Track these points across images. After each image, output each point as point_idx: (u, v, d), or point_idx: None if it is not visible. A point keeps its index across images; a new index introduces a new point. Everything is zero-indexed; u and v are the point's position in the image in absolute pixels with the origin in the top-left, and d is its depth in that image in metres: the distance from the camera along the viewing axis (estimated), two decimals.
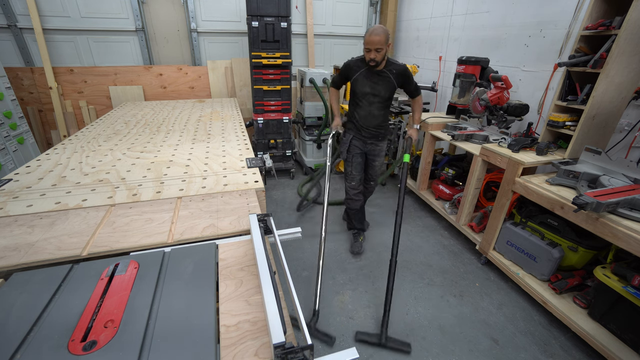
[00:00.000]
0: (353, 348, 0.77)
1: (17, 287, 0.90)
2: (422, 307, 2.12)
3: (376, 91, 2.24)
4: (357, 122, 2.39)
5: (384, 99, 2.29)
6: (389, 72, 2.19)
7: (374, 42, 2.00)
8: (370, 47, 2.03)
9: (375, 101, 2.28)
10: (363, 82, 2.23)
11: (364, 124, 2.37)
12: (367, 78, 2.22)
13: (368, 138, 2.42)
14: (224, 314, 0.87)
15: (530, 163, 2.10)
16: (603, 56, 1.86)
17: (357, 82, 2.25)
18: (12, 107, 3.36)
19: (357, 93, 2.29)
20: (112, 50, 3.94)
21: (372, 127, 2.38)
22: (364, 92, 2.26)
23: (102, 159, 1.95)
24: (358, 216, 2.68)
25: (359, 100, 2.31)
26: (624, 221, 1.55)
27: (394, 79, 2.21)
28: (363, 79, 2.22)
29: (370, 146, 2.46)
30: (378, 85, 2.23)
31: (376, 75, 2.20)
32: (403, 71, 2.22)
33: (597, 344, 1.71)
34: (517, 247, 2.22)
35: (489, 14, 3.14)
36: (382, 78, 2.21)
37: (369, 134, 2.40)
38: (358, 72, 2.22)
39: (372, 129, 2.39)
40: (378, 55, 2.04)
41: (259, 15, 3.23)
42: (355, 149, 2.46)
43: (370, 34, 2.01)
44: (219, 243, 1.17)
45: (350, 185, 2.53)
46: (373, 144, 2.45)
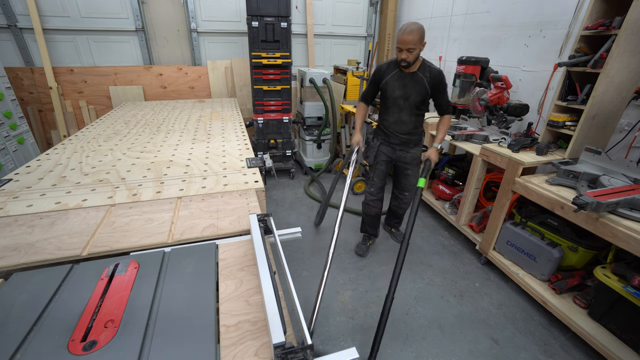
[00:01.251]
0: (353, 348, 0.77)
1: (17, 287, 0.90)
2: (422, 307, 2.12)
3: (407, 95, 2.09)
4: (385, 129, 2.28)
5: (415, 103, 2.11)
6: (423, 75, 2.03)
7: (406, 41, 1.85)
8: (402, 47, 1.88)
9: (406, 106, 2.13)
10: (394, 85, 2.10)
11: (393, 130, 2.25)
12: (399, 81, 2.08)
13: (397, 145, 2.29)
14: (224, 314, 0.87)
15: (530, 163, 2.10)
16: (603, 56, 1.86)
17: (388, 85, 2.12)
18: (12, 107, 3.36)
19: (388, 97, 2.16)
20: (112, 50, 3.94)
21: (401, 133, 2.24)
22: (394, 95, 2.12)
23: (102, 159, 1.95)
24: (372, 222, 2.59)
25: (389, 105, 2.19)
26: (624, 221, 1.55)
27: (427, 83, 2.04)
28: (394, 81, 2.09)
29: (400, 153, 2.31)
30: (409, 89, 2.07)
31: (409, 77, 2.05)
32: (437, 75, 2.04)
33: (597, 344, 1.71)
34: (517, 247, 2.22)
35: (489, 14, 3.14)
36: (414, 81, 2.05)
37: (397, 141, 2.27)
38: (389, 75, 2.09)
39: (401, 136, 2.25)
40: (410, 56, 1.90)
41: (259, 15, 3.22)
42: (382, 156, 2.35)
43: (402, 32, 1.86)
44: (219, 243, 1.17)
45: (370, 191, 2.46)
46: (403, 151, 2.30)
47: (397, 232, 2.87)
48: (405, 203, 2.54)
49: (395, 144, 2.29)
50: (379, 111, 2.33)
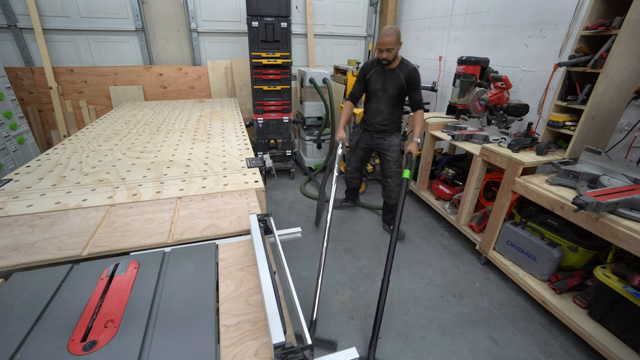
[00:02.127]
0: (353, 348, 0.77)
1: (17, 287, 0.90)
2: (422, 307, 2.12)
3: (385, 88, 2.44)
4: (366, 118, 2.64)
5: (392, 96, 2.46)
6: (400, 72, 2.37)
7: (385, 42, 2.20)
8: (382, 47, 2.22)
9: (384, 97, 2.48)
10: (375, 79, 2.45)
11: (371, 119, 2.60)
12: (380, 76, 2.43)
13: (374, 133, 2.64)
14: (224, 314, 0.87)
15: (530, 163, 2.10)
16: (603, 56, 1.86)
17: (371, 80, 2.47)
18: (12, 107, 3.36)
19: (370, 89, 2.51)
20: (112, 50, 3.94)
21: (378, 122, 2.58)
22: (375, 88, 2.47)
23: (102, 159, 1.95)
24: (351, 193, 3.18)
25: (370, 96, 2.54)
26: (624, 221, 1.55)
27: (403, 78, 2.38)
28: (376, 76, 2.44)
29: (378, 140, 2.65)
30: (387, 83, 2.42)
31: (388, 73, 2.40)
32: (412, 71, 2.37)
33: (597, 344, 1.71)
34: (517, 247, 2.22)
35: (489, 14, 3.14)
36: (393, 76, 2.40)
37: (374, 129, 2.62)
38: (372, 71, 2.44)
39: (377, 125, 2.59)
40: (389, 55, 2.24)
41: (259, 15, 3.22)
42: (362, 142, 2.73)
43: (382, 35, 2.21)
44: (219, 243, 1.17)
45: (347, 170, 2.95)
46: (380, 139, 2.64)
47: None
48: (391, 191, 2.73)
49: (373, 132, 2.64)
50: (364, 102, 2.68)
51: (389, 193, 2.73)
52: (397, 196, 2.69)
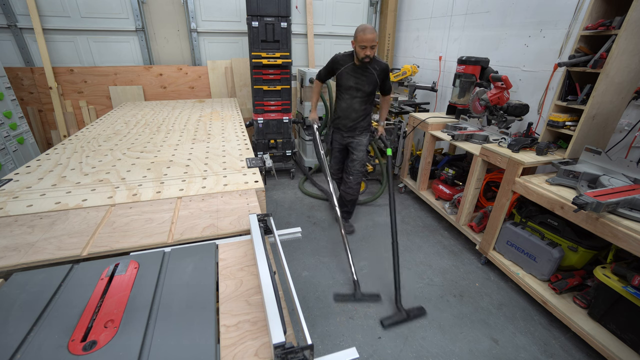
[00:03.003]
0: (353, 348, 0.77)
1: (17, 287, 0.90)
2: (422, 307, 2.12)
3: (359, 86, 2.40)
4: (338, 116, 2.58)
5: (366, 93, 2.44)
6: (373, 69, 2.36)
7: (370, 39, 2.16)
8: (367, 45, 2.18)
9: (358, 95, 2.44)
10: (348, 77, 2.39)
11: (344, 116, 2.54)
12: (352, 73, 2.37)
13: (345, 132, 2.60)
14: (224, 314, 0.87)
15: (530, 163, 2.10)
16: (603, 56, 1.86)
17: (342, 76, 2.40)
18: (12, 107, 3.36)
19: (342, 86, 2.44)
20: (112, 50, 3.94)
21: (351, 120, 2.54)
22: (347, 85, 2.41)
23: (102, 159, 1.95)
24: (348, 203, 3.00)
25: (342, 94, 2.47)
26: (624, 221, 1.55)
27: (377, 75, 2.38)
28: (348, 73, 2.38)
29: (348, 139, 2.63)
30: (362, 81, 2.38)
31: (361, 70, 2.35)
32: (385, 68, 2.41)
33: (597, 344, 1.71)
34: (517, 247, 2.22)
35: (489, 14, 3.14)
36: (366, 74, 2.37)
37: (346, 128, 2.58)
38: (344, 67, 2.37)
39: (349, 123, 2.55)
40: (372, 52, 2.21)
41: (259, 15, 3.22)
42: (335, 143, 2.71)
43: (364, 32, 2.16)
44: (219, 243, 1.17)
45: (330, 165, 2.90)
46: (350, 137, 2.62)
47: (347, 223, 2.96)
48: (350, 187, 2.74)
49: (343, 130, 2.60)
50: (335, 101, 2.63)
51: (348, 189, 2.75)
52: (355, 192, 2.77)
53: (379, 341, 1.88)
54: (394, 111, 3.71)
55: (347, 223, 2.96)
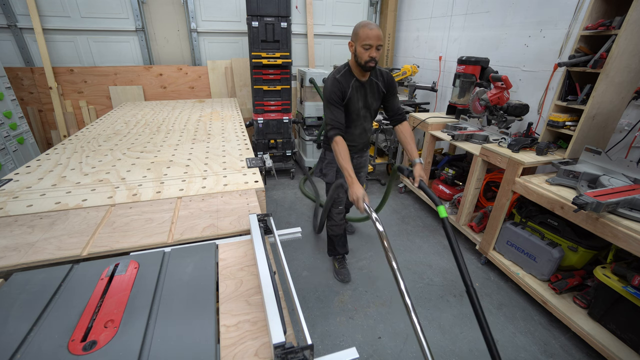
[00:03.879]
0: (353, 348, 0.77)
1: (17, 287, 0.90)
2: (422, 307, 2.12)
3: (368, 104, 1.94)
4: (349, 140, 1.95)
5: (375, 110, 2.01)
6: (377, 80, 1.90)
7: (377, 36, 1.64)
8: (373, 43, 1.64)
9: (368, 115, 2.00)
10: (356, 97, 1.87)
11: (356, 143, 2.08)
12: (359, 91, 1.87)
13: (355, 152, 2.15)
14: (224, 314, 0.87)
15: (530, 163, 2.10)
16: (603, 56, 1.86)
17: (352, 99, 1.86)
18: (12, 107, 3.36)
19: (352, 111, 1.90)
20: (112, 50, 3.94)
21: (363, 142, 2.13)
22: (358, 107, 1.90)
23: (102, 159, 1.95)
24: (342, 240, 2.38)
25: (352, 119, 1.94)
26: (624, 221, 1.55)
27: (383, 86, 1.92)
28: (356, 93, 1.86)
29: (357, 160, 2.21)
30: (369, 97, 1.92)
31: (367, 85, 1.88)
32: (390, 76, 1.93)
33: (597, 344, 1.71)
34: (517, 247, 2.22)
35: (489, 14, 3.14)
36: (372, 88, 1.91)
37: (356, 149, 2.13)
38: (350, 88, 1.82)
39: (362, 145, 2.15)
40: (378, 54, 1.69)
41: (259, 15, 3.22)
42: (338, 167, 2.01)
43: (370, 28, 1.64)
44: (219, 243, 1.17)
45: (338, 210, 2.21)
46: (359, 157, 2.23)
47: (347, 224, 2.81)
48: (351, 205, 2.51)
49: (355, 152, 2.13)
50: None
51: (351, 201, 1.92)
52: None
53: (379, 341, 1.88)
54: None
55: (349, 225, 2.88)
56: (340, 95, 1.81)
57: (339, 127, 1.79)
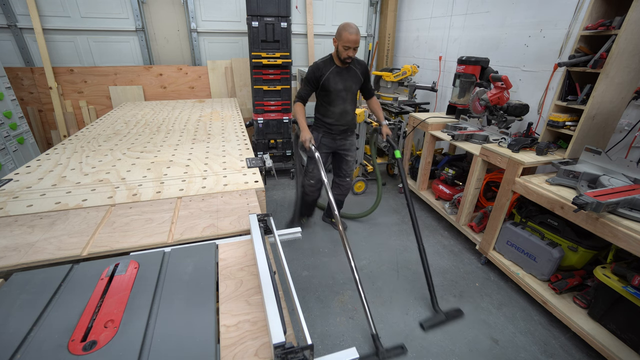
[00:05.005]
0: (353, 348, 0.77)
1: (17, 287, 0.90)
2: (422, 307, 2.12)
3: (347, 86, 2.34)
4: (328, 121, 2.43)
5: (354, 93, 2.42)
6: (355, 68, 2.34)
7: (356, 40, 2.10)
8: (351, 45, 2.12)
9: (348, 97, 2.38)
10: (335, 80, 2.29)
11: (338, 121, 2.43)
12: (338, 75, 2.30)
13: (338, 134, 2.49)
14: (224, 314, 0.87)
15: (530, 163, 2.10)
16: (603, 56, 1.86)
17: (330, 81, 2.28)
18: (12, 107, 3.36)
19: (331, 91, 2.31)
20: (112, 50, 3.94)
21: (343, 123, 2.45)
22: (337, 88, 2.31)
23: (102, 159, 1.95)
24: (310, 207, 2.90)
25: (332, 99, 2.35)
26: (624, 221, 1.55)
27: (360, 73, 2.37)
28: (334, 77, 2.29)
29: (340, 142, 2.53)
30: (348, 81, 2.33)
31: (345, 71, 2.31)
32: (366, 68, 2.40)
33: (597, 344, 1.71)
34: (517, 247, 2.22)
35: (489, 14, 3.14)
36: (350, 73, 2.33)
37: (339, 130, 2.47)
38: (329, 71, 2.27)
39: (342, 126, 2.46)
40: (354, 53, 2.18)
41: (259, 15, 3.22)
42: (323, 148, 2.52)
43: (351, 33, 2.07)
44: (219, 243, 1.17)
45: (309, 184, 2.60)
46: (343, 139, 2.53)
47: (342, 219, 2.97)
48: (346, 189, 2.76)
49: (336, 133, 2.48)
50: (318, 106, 2.47)
51: (344, 191, 2.76)
52: (347, 192, 2.81)
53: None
54: (394, 111, 3.71)
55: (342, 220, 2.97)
56: (316, 77, 2.29)
57: (303, 99, 2.36)
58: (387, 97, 3.95)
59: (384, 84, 4.12)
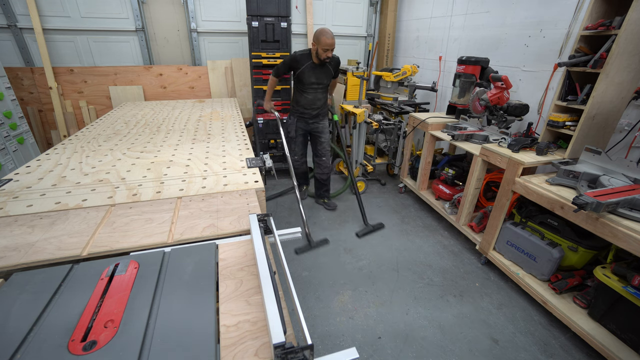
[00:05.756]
0: (353, 348, 0.77)
1: (17, 287, 0.90)
2: (422, 307, 2.12)
3: (320, 80, 2.81)
4: (302, 106, 2.92)
5: (326, 85, 2.89)
6: (329, 65, 2.78)
7: (332, 44, 2.55)
8: (329, 48, 2.55)
9: (320, 88, 2.86)
10: (309, 74, 2.74)
11: (310, 106, 2.91)
12: (312, 70, 2.73)
13: (310, 119, 2.98)
14: (224, 314, 0.87)
15: (530, 163, 2.10)
16: (603, 56, 1.86)
17: (304, 74, 2.73)
18: (12, 107, 3.35)
19: (305, 82, 2.78)
20: (112, 50, 3.94)
21: (315, 108, 2.93)
22: (310, 81, 2.77)
23: (102, 159, 1.95)
24: (304, 176, 3.46)
25: (306, 88, 2.82)
26: (624, 221, 1.55)
27: (332, 68, 2.84)
28: (309, 71, 2.73)
29: (313, 125, 3.02)
30: (321, 75, 2.79)
31: (319, 67, 2.74)
32: (337, 61, 2.87)
33: (597, 344, 1.71)
34: (517, 247, 2.22)
35: (489, 14, 3.14)
36: (324, 70, 2.78)
37: (311, 116, 2.96)
38: (304, 66, 2.70)
39: (313, 111, 2.94)
40: (331, 54, 2.62)
41: (259, 15, 3.23)
42: (299, 130, 3.05)
43: (328, 37, 2.50)
44: (219, 243, 1.17)
45: (294, 159, 3.19)
46: (315, 123, 3.01)
47: (329, 201, 3.36)
48: (325, 167, 3.17)
49: (309, 118, 2.97)
50: (294, 94, 2.97)
51: (324, 169, 3.17)
52: (329, 170, 3.21)
53: (379, 341, 1.88)
54: (394, 111, 3.71)
55: (330, 201, 3.36)
56: (292, 67, 2.77)
57: (277, 75, 2.87)
58: (387, 97, 3.95)
59: (384, 84, 4.12)
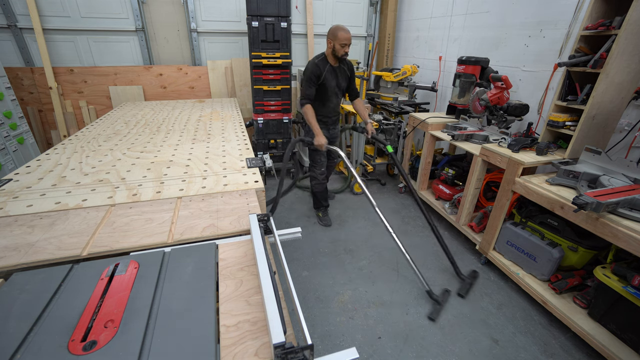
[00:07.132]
0: (353, 348, 0.77)
1: (17, 287, 0.90)
2: (422, 306, 2.12)
3: (339, 83, 2.65)
4: (325, 114, 2.74)
5: (344, 88, 2.73)
6: (344, 66, 2.65)
7: (350, 38, 2.41)
8: (347, 42, 2.40)
9: (339, 92, 2.71)
10: (330, 78, 2.57)
11: (333, 112, 2.79)
12: (332, 73, 2.58)
13: (331, 124, 2.85)
14: (224, 314, 0.87)
15: (530, 163, 2.10)
16: (603, 56, 1.86)
17: (327, 80, 2.55)
18: (12, 107, 3.35)
19: (328, 88, 2.58)
20: (112, 50, 3.94)
21: (336, 112, 2.85)
22: (332, 85, 2.60)
23: (102, 159, 1.95)
24: (324, 195, 3.08)
25: (329, 95, 2.64)
26: (624, 221, 1.55)
27: (348, 71, 2.68)
28: (330, 75, 2.56)
29: (333, 131, 2.91)
30: (339, 78, 2.64)
31: (337, 69, 2.60)
32: (351, 64, 2.70)
33: (597, 344, 1.71)
34: (517, 247, 2.22)
35: (489, 14, 3.14)
36: (341, 71, 2.64)
37: (331, 121, 2.84)
38: (325, 70, 2.53)
39: (335, 115, 2.85)
40: (349, 49, 2.46)
41: (259, 15, 3.22)
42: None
43: (345, 31, 2.37)
44: (219, 243, 1.17)
45: (320, 172, 2.89)
46: (334, 129, 2.93)
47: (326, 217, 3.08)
48: (332, 169, 3.14)
49: (330, 124, 2.84)
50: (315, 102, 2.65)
51: (331, 170, 3.12)
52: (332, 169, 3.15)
53: (379, 341, 1.88)
54: (394, 111, 3.71)
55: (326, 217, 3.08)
56: (318, 76, 2.51)
57: (309, 99, 2.56)
58: (387, 97, 3.95)
59: (384, 84, 4.12)
